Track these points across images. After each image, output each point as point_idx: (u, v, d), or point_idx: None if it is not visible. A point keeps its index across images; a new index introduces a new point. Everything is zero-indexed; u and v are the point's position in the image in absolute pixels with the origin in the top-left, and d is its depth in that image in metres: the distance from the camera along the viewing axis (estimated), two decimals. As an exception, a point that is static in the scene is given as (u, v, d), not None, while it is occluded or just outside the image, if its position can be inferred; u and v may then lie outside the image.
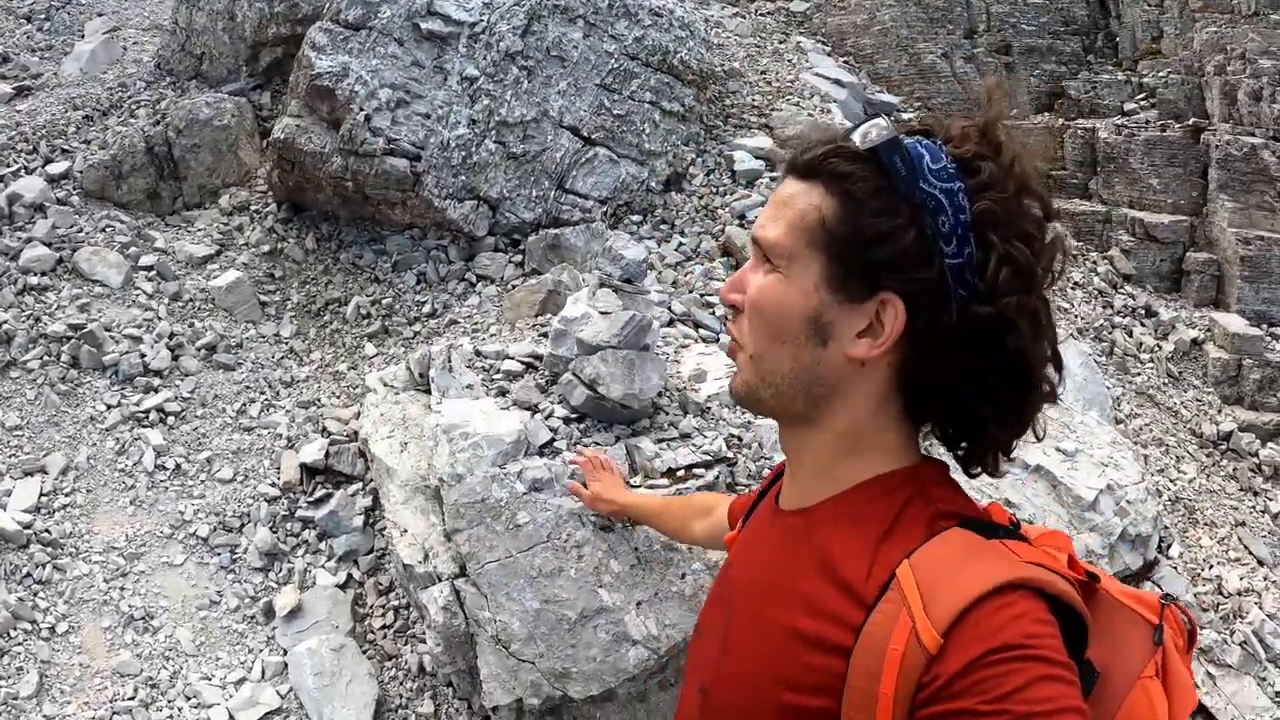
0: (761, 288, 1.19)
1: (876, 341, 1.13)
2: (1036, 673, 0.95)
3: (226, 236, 5.00)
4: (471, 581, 2.84)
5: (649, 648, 2.78)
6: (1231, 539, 6.11)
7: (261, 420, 4.06)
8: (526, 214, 4.90)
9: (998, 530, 1.13)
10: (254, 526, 3.60)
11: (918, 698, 1.00)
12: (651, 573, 2.85)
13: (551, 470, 2.98)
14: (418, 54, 4.82)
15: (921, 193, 1.10)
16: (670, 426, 3.39)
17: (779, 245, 1.17)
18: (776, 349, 1.18)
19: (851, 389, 1.17)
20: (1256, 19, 8.22)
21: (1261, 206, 8.10)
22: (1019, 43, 8.96)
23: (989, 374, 1.12)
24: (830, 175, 1.14)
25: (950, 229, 1.09)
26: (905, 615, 1.03)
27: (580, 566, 2.80)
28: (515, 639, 2.74)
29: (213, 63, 5.75)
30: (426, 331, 4.45)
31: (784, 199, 1.19)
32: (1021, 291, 1.10)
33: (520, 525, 2.86)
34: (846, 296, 1.14)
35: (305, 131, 4.71)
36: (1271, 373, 7.73)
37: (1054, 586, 1.05)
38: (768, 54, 7.99)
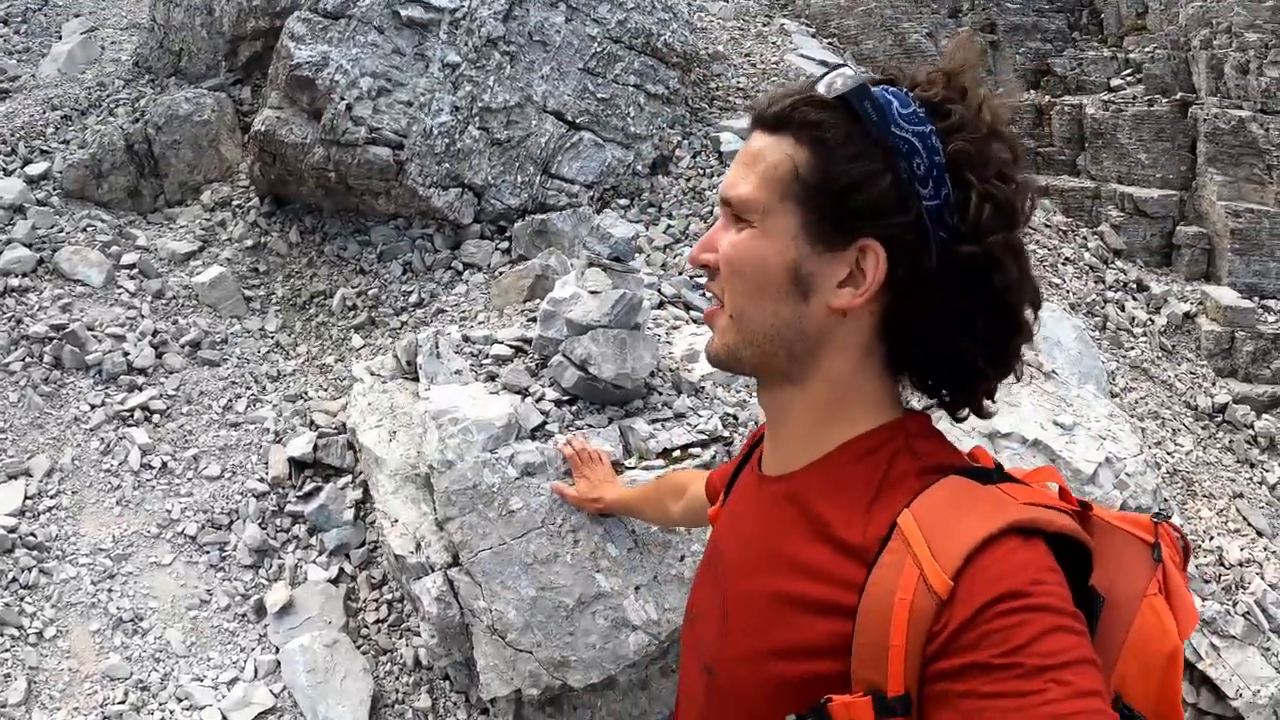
0: (736, 244, 1.15)
1: (859, 290, 1.11)
2: (1047, 623, 0.93)
3: (209, 232, 4.92)
4: (465, 570, 2.78)
5: (649, 633, 2.72)
6: (1230, 510, 6.09)
7: (248, 415, 3.99)
8: (512, 200, 4.84)
9: (991, 475, 1.11)
10: (243, 523, 3.53)
11: (928, 649, 0.97)
12: (649, 556, 2.80)
13: (544, 454, 2.92)
14: (398, 41, 4.75)
15: (894, 136, 1.07)
16: (664, 407, 3.34)
17: (752, 200, 1.14)
18: (757, 305, 1.15)
19: (835, 342, 1.15)
20: (1242, -8, 8.19)
21: (1251, 179, 8.09)
22: (1004, 21, 8.92)
23: (976, 314, 1.10)
24: (800, 125, 1.11)
25: (925, 171, 1.07)
26: (911, 563, 1.00)
27: (576, 552, 2.75)
28: (512, 628, 2.68)
29: (191, 59, 5.67)
30: (414, 321, 4.39)
31: (753, 154, 1.16)
32: (1005, 228, 1.09)
33: (513, 511, 2.80)
34: (825, 246, 1.11)
35: (286, 123, 4.64)
36: (1264, 344, 7.72)
37: (1054, 524, 1.03)
38: (751, 37, 7.95)
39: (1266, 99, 8.00)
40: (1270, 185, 8.01)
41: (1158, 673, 1.10)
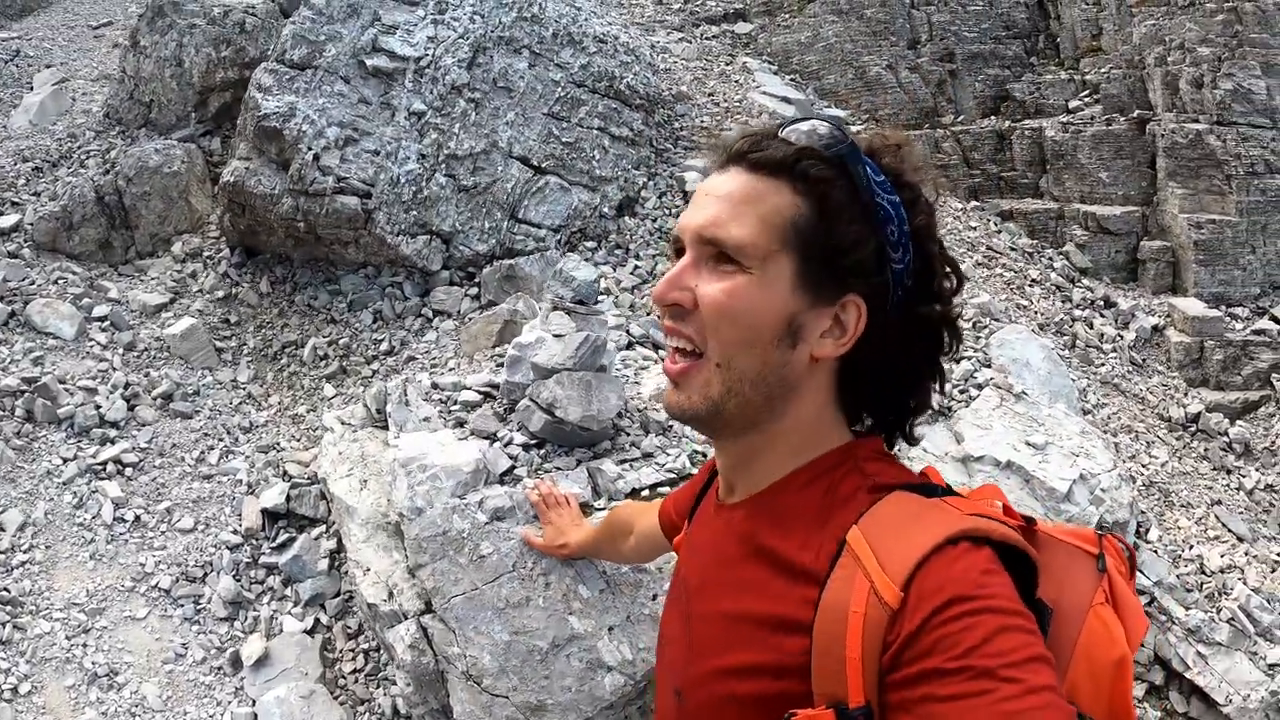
0: (730, 291, 1.16)
1: (840, 340, 1.18)
2: (995, 624, 0.96)
3: (180, 284, 4.95)
4: (438, 617, 2.80)
5: (624, 673, 2.74)
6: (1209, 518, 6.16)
7: (221, 467, 4.00)
8: (480, 246, 4.89)
9: (937, 490, 1.17)
10: (217, 575, 3.53)
11: (884, 659, 1.01)
12: (622, 596, 2.82)
13: (513, 498, 2.95)
14: (364, 91, 4.82)
15: (876, 203, 1.16)
16: (632, 447, 3.37)
17: (751, 245, 1.15)
18: (748, 353, 1.16)
19: (807, 386, 1.21)
20: (1192, 9, 8.38)
21: (1211, 190, 8.23)
22: (962, 49, 9.07)
23: (922, 364, 1.24)
24: (803, 177, 1.16)
25: (898, 238, 1.17)
26: (861, 577, 1.04)
27: (548, 595, 2.77)
28: (487, 673, 2.69)
29: (161, 110, 5.72)
30: (385, 370, 4.42)
31: (744, 195, 1.17)
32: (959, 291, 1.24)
33: (484, 556, 2.83)
34: (816, 297, 1.16)
35: (255, 174, 4.68)
36: (1234, 351, 7.83)
37: (997, 533, 1.07)
38: (715, 76, 8.06)
39: (1222, 111, 8.16)
40: (1230, 195, 8.14)
41: (1107, 680, 1.13)
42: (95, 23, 7.70)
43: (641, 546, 2.14)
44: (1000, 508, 1.20)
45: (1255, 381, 7.96)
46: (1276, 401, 7.75)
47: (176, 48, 5.67)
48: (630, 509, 2.28)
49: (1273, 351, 7.86)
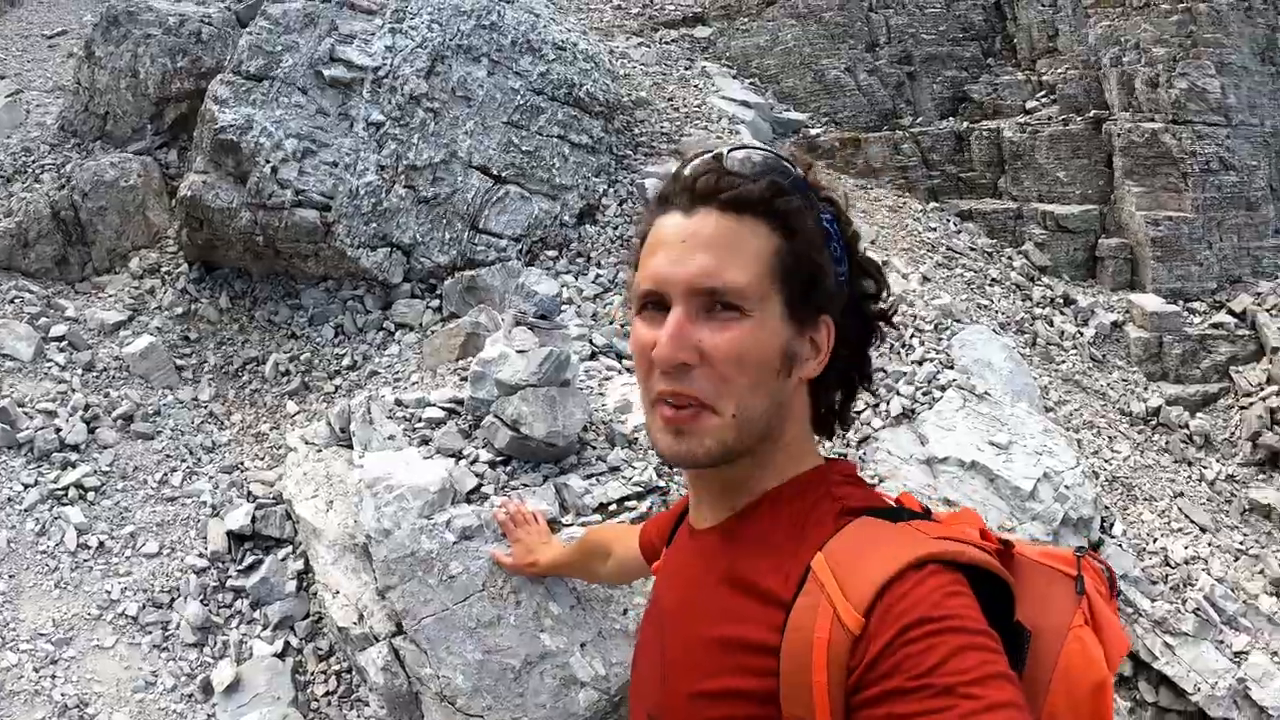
0: (738, 339, 1.14)
1: (819, 359, 1.23)
2: (956, 644, 0.97)
3: (138, 301, 4.86)
4: (409, 639, 2.78)
5: (598, 689, 2.74)
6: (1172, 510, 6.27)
7: (184, 489, 3.94)
8: (441, 257, 4.86)
9: (904, 514, 1.18)
10: (184, 600, 3.47)
11: (848, 683, 1.02)
12: (593, 612, 2.82)
13: (480, 517, 2.94)
14: (322, 102, 4.77)
15: (823, 224, 1.22)
16: (598, 461, 3.37)
17: (749, 289, 1.15)
18: (759, 394, 1.17)
19: (794, 407, 1.25)
20: (1147, 9, 8.51)
21: (1167, 188, 8.35)
22: (919, 52, 9.15)
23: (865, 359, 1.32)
24: (778, 213, 1.18)
25: (839, 254, 1.24)
26: (825, 603, 1.06)
27: (519, 613, 2.76)
28: (460, 693, 2.68)
29: (117, 122, 5.62)
30: (347, 385, 4.37)
31: (726, 239, 1.16)
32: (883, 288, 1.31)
33: (454, 576, 2.81)
34: (801, 324, 1.20)
35: (212, 187, 4.62)
36: (1192, 345, 7.98)
37: (964, 556, 1.08)
38: (674, 81, 8.07)
39: (1177, 110, 8.29)
40: (1186, 193, 8.27)
41: (1086, 704, 1.13)
42: (49, 32, 7.55)
43: (620, 570, 2.14)
44: (977, 533, 1.20)
45: (1214, 374, 8.09)
46: (1235, 393, 7.90)
47: (132, 58, 5.57)
48: (608, 532, 2.30)
49: (1230, 344, 8.00)
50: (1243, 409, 7.74)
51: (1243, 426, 7.69)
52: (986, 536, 1.21)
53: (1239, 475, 7.39)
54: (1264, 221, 8.49)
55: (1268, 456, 7.44)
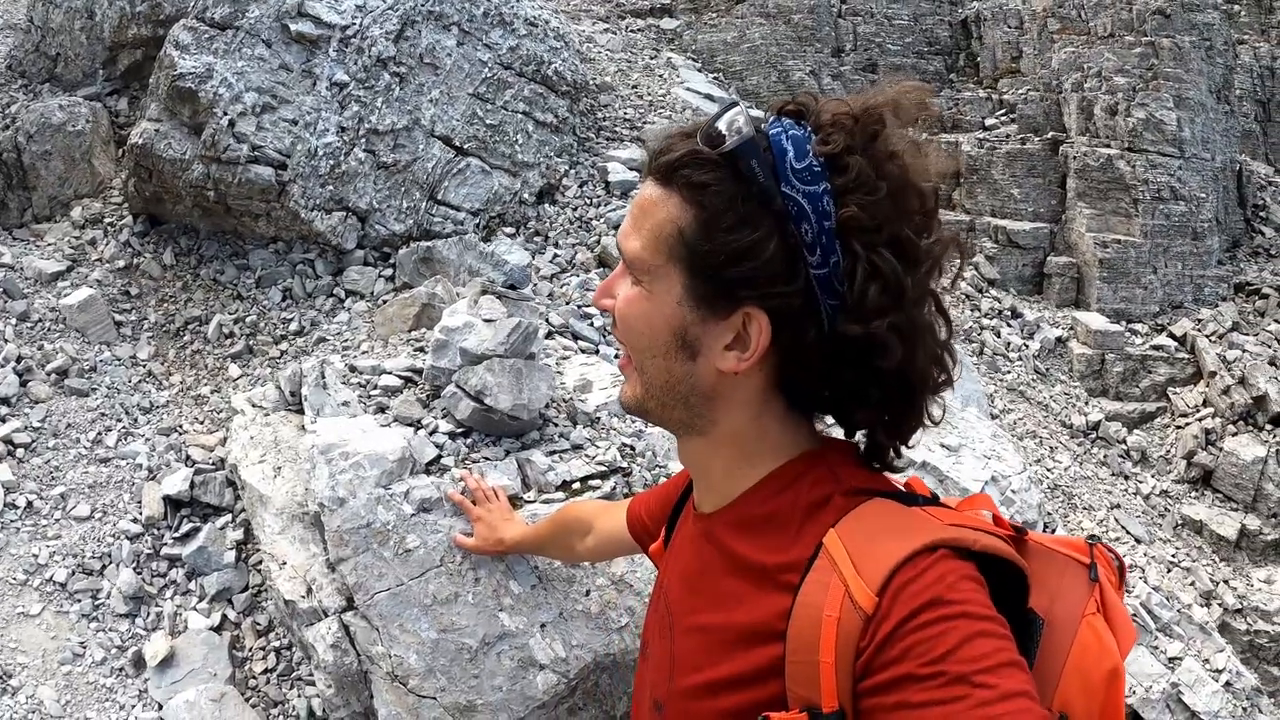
0: (629, 301, 1.16)
1: (744, 355, 1.11)
2: (968, 630, 0.95)
3: (79, 251, 4.60)
4: (361, 614, 2.63)
5: (557, 671, 2.63)
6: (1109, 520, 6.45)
7: (119, 450, 3.71)
8: (397, 226, 4.71)
9: (917, 499, 1.15)
10: (116, 568, 3.25)
11: (857, 665, 0.99)
12: (554, 592, 2.71)
13: (440, 489, 2.81)
14: (286, 57, 4.57)
15: (783, 197, 1.03)
16: (561, 438, 3.26)
17: (639, 260, 1.14)
18: (651, 361, 1.17)
19: (729, 398, 1.16)
20: (1111, 40, 8.69)
21: (1117, 212, 8.55)
22: (884, 61, 9.23)
23: (869, 386, 1.10)
24: (686, 185, 1.08)
25: (814, 237, 1.03)
26: (837, 581, 1.02)
27: (478, 590, 2.64)
28: (413, 673, 2.54)
29: (68, 65, 5.34)
30: (294, 350, 4.19)
31: (644, 207, 1.14)
32: (891, 307, 1.04)
33: (410, 550, 2.68)
34: (709, 310, 1.10)
35: (165, 137, 4.39)
36: (1133, 365, 8.22)
37: (979, 543, 1.05)
38: (639, 69, 8.02)
39: (1133, 138, 8.49)
40: (1136, 218, 8.49)
41: (1100, 691, 1.11)
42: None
43: (602, 548, 2.06)
44: (990, 518, 1.17)
45: (1152, 394, 8.32)
46: (1172, 413, 8.13)
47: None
48: (586, 507, 2.20)
49: (1169, 366, 8.24)
50: (1179, 429, 7.97)
51: (1178, 445, 7.91)
52: (1000, 522, 1.18)
53: (1173, 491, 7.63)
54: (1208, 251, 8.75)
55: (1201, 475, 7.70)
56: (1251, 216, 10.00)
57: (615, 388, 3.64)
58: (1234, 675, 5.16)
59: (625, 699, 2.81)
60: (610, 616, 2.74)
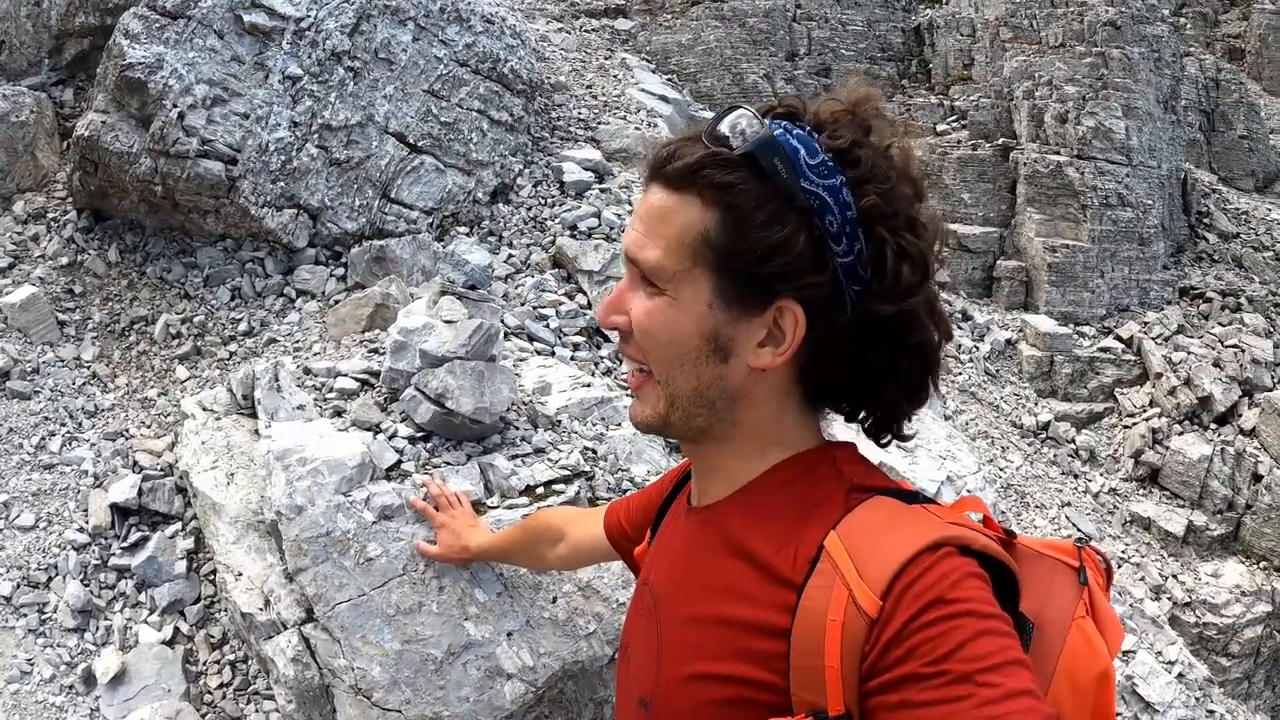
0: (650, 312, 1.14)
1: (779, 349, 1.12)
2: (972, 628, 0.95)
3: (20, 248, 4.42)
4: (321, 626, 2.55)
5: (525, 680, 2.58)
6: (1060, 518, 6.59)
7: (64, 456, 3.56)
8: (349, 224, 4.61)
9: (917, 497, 1.15)
10: (63, 580, 3.11)
11: (863, 668, 0.99)
12: (520, 600, 2.66)
13: (401, 495, 2.74)
14: (238, 49, 4.44)
15: (805, 193, 1.07)
16: (523, 442, 3.21)
17: (662, 268, 1.12)
18: (680, 371, 1.15)
19: (755, 395, 1.17)
20: (1062, 49, 8.85)
21: (1066, 218, 8.71)
22: (838, 66, 9.30)
23: (899, 362, 1.14)
24: (708, 187, 1.08)
25: (839, 228, 1.07)
26: (840, 584, 1.02)
27: (442, 600, 2.57)
28: (377, 686, 2.47)
29: (12, 53, 5.13)
30: (243, 351, 4.07)
31: (657, 213, 1.13)
32: (921, 283, 1.11)
33: (372, 559, 2.60)
34: (742, 309, 1.11)
35: (112, 129, 4.24)
36: (1081, 366, 8.39)
37: (978, 543, 1.05)
38: (593, 69, 8.00)
39: (1082, 145, 8.65)
40: (1084, 223, 8.66)
41: (1090, 693, 1.12)
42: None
43: (575, 556, 2.03)
44: (980, 519, 1.18)
45: (1100, 395, 8.50)
46: (1119, 414, 8.31)
47: (36, -17, 5.11)
48: (557, 515, 2.16)
49: (1116, 368, 8.41)
50: (1126, 428, 8.16)
51: (1125, 445, 8.10)
52: (990, 524, 1.19)
53: (1121, 489, 7.83)
54: (1154, 257, 8.95)
55: (1148, 473, 7.90)
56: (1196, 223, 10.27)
57: (574, 390, 3.60)
58: (1186, 667, 5.28)
59: (591, 706, 2.77)
60: (578, 623, 2.69)
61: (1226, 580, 7.50)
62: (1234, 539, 8.01)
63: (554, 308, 4.34)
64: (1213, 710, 5.26)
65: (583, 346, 4.16)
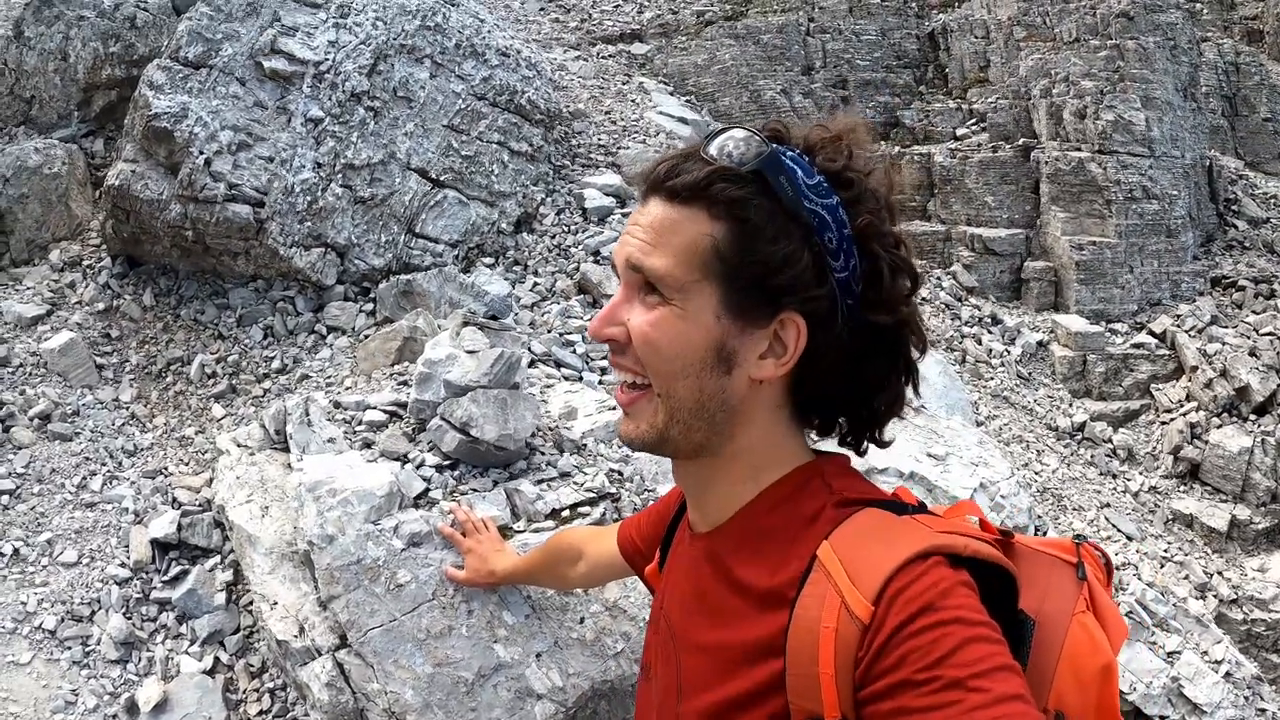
0: (655, 323, 1.15)
1: (781, 360, 1.15)
2: (962, 635, 0.97)
3: (58, 295, 4.59)
4: (355, 652, 2.62)
5: (555, 700, 2.62)
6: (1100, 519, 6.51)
7: (105, 494, 3.69)
8: (376, 260, 4.71)
9: (908, 508, 1.16)
10: (106, 613, 3.23)
11: (856, 674, 1.01)
12: (548, 621, 2.71)
13: (429, 523, 2.81)
14: (260, 94, 4.59)
15: (808, 211, 1.11)
16: (549, 466, 3.26)
17: (670, 277, 1.14)
18: (683, 383, 1.16)
19: (752, 408, 1.18)
20: (1077, 45, 8.79)
21: (1091, 214, 8.62)
22: (854, 77, 9.31)
23: (888, 370, 1.18)
24: (717, 200, 1.12)
25: (837, 245, 1.12)
26: (833, 592, 1.04)
27: (471, 623, 2.63)
28: (410, 709, 2.53)
29: (43, 107, 5.34)
30: (277, 388, 4.18)
31: (662, 225, 1.15)
32: (913, 294, 1.17)
33: (402, 585, 2.67)
34: (748, 321, 1.14)
35: (141, 177, 4.40)
36: (1114, 364, 8.28)
37: (969, 549, 1.07)
38: (611, 95, 8.07)
39: (1103, 140, 8.57)
40: (1110, 219, 8.57)
41: (1094, 687, 1.13)
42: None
43: (594, 573, 2.07)
44: (977, 523, 1.21)
45: (1135, 392, 8.38)
46: (1156, 410, 8.19)
47: (63, 40, 5.30)
48: (576, 534, 2.20)
49: (1151, 364, 8.30)
50: (1163, 424, 8.03)
51: (1164, 441, 7.98)
52: (986, 527, 1.22)
53: (1161, 487, 7.69)
54: (1183, 248, 8.83)
55: (1188, 469, 7.76)
56: (1224, 210, 10.11)
57: (600, 414, 3.65)
58: (1233, 665, 5.20)
59: (625, 724, 2.81)
60: (606, 643, 2.73)
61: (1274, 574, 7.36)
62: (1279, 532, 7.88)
63: (580, 333, 4.40)
64: (1264, 709, 5.17)
65: (610, 370, 4.22)
